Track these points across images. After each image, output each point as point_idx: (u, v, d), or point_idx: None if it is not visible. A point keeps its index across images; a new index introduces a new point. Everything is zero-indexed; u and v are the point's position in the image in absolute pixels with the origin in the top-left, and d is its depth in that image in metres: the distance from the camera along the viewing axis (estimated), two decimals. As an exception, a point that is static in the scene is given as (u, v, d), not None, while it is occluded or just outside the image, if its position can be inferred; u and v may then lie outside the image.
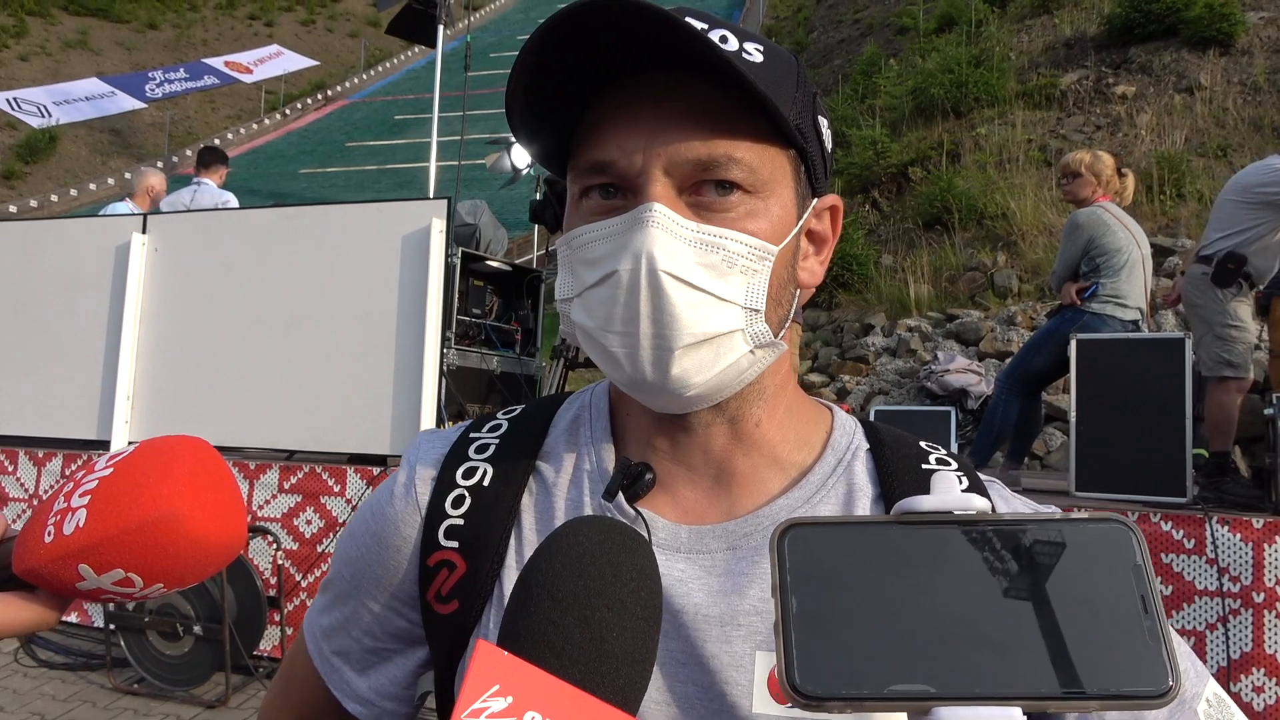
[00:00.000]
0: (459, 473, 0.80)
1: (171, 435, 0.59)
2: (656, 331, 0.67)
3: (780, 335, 0.73)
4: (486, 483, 0.79)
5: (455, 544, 0.77)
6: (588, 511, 0.76)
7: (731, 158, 0.67)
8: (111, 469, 0.56)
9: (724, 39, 0.68)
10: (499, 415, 0.86)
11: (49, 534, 0.54)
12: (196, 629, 4.20)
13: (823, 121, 0.75)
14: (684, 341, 0.67)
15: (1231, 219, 4.64)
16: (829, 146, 0.77)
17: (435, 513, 0.79)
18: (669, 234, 0.66)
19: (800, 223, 0.74)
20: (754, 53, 0.68)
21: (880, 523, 0.46)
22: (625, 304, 0.67)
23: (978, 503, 0.47)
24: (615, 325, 0.68)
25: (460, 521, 0.78)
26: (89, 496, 0.55)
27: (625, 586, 0.54)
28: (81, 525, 0.53)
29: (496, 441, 0.82)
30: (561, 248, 0.73)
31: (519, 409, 0.87)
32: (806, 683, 0.42)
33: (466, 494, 0.79)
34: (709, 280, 0.67)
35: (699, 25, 0.68)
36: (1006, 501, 0.77)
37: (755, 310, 0.69)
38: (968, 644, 0.42)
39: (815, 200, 0.76)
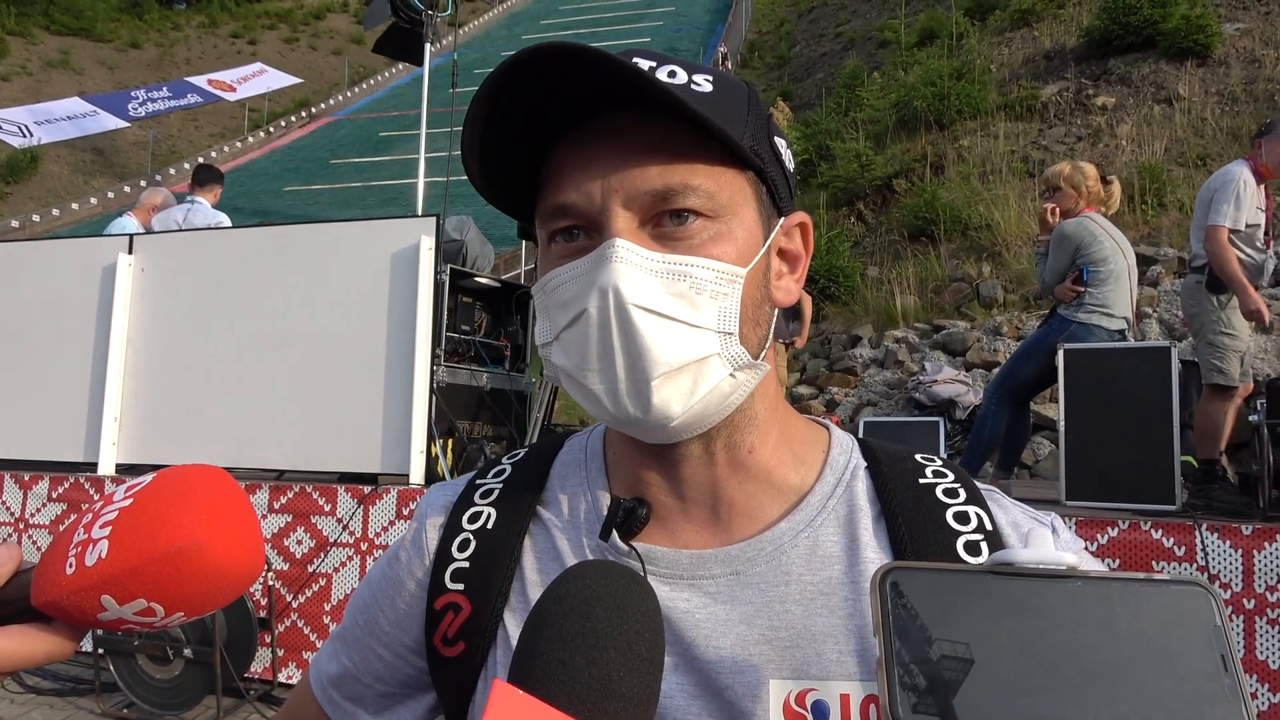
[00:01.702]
0: (465, 518, 0.82)
1: (188, 464, 0.59)
2: (631, 364, 0.67)
3: (762, 356, 0.73)
4: (490, 526, 0.80)
5: (461, 586, 0.78)
6: (586, 552, 0.77)
7: (688, 185, 0.68)
8: (131, 499, 0.56)
9: (672, 74, 0.70)
10: (504, 460, 0.88)
11: (70, 566, 0.54)
12: (187, 652, 4.16)
13: (780, 142, 0.76)
14: (659, 371, 0.67)
15: (1204, 230, 4.75)
16: (789, 166, 0.78)
17: (443, 557, 0.81)
18: (634, 267, 0.67)
19: (768, 242, 0.74)
20: (703, 84, 0.70)
21: (975, 571, 0.49)
22: (599, 341, 0.67)
23: (1068, 558, 0.49)
24: (592, 363, 0.68)
25: (466, 564, 0.79)
26: (110, 528, 0.55)
27: (631, 628, 0.55)
28: (104, 556, 0.54)
29: (500, 486, 0.84)
30: (538, 294, 0.74)
31: (522, 452, 0.88)
32: (909, 715, 0.44)
33: (472, 537, 0.80)
34: (679, 309, 0.67)
35: (646, 64, 0.70)
36: (1005, 510, 0.77)
37: (729, 334, 0.69)
38: (1057, 690, 0.44)
39: (782, 219, 0.77)
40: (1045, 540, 0.52)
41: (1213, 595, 0.47)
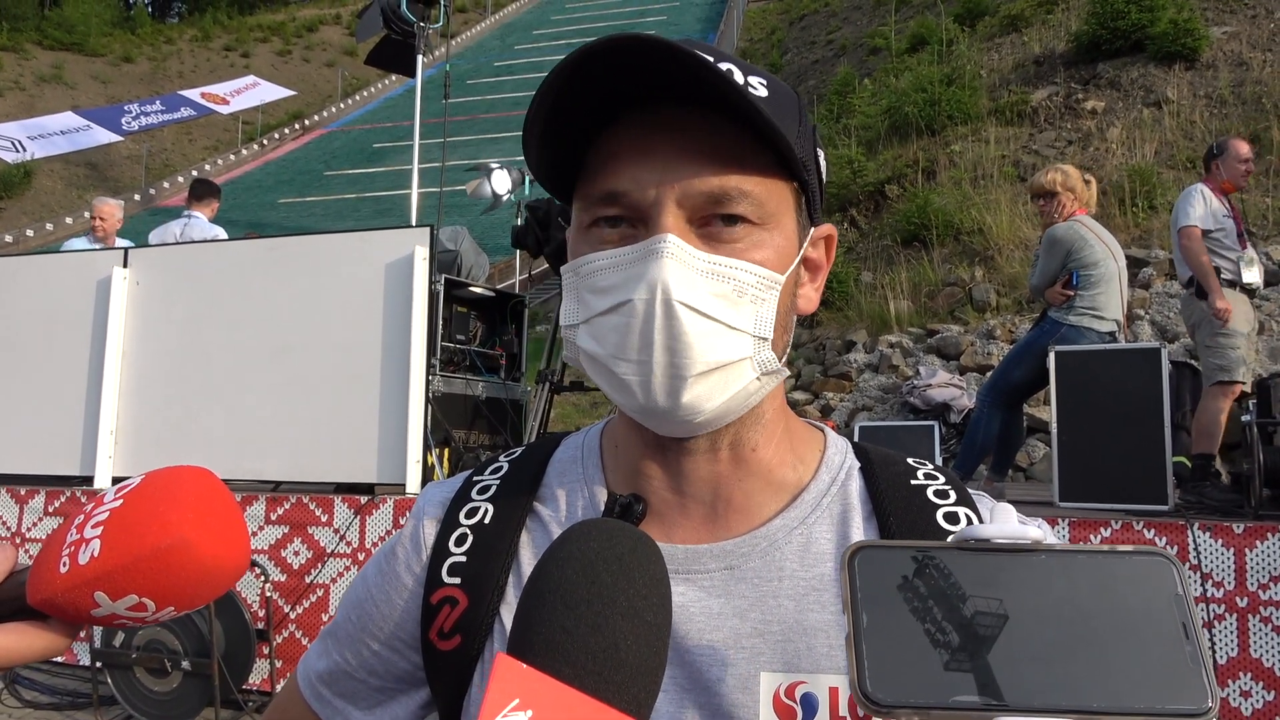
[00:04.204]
0: (462, 513, 0.83)
1: (175, 466, 0.61)
2: (671, 360, 0.68)
3: (783, 361, 0.75)
4: (487, 521, 0.81)
5: (457, 580, 0.79)
6: None
7: (742, 191, 0.69)
8: (121, 500, 0.58)
9: (730, 72, 0.68)
10: (501, 457, 0.89)
11: (64, 564, 0.56)
12: (184, 664, 4.16)
13: (820, 154, 0.77)
14: (697, 369, 0.68)
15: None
16: (825, 178, 0.79)
17: (440, 552, 0.81)
18: (683, 265, 0.67)
19: (801, 251, 0.75)
20: (759, 87, 0.70)
21: (943, 548, 0.50)
22: (640, 332, 0.68)
23: (1032, 532, 0.50)
24: (628, 353, 0.69)
25: (463, 559, 0.80)
26: (101, 527, 0.56)
27: (637, 592, 0.55)
28: (96, 554, 0.55)
29: (497, 482, 0.84)
30: (568, 274, 0.74)
31: (520, 450, 0.89)
32: (877, 690, 0.45)
33: (469, 532, 0.81)
34: (721, 309, 0.68)
35: (705, 58, 0.70)
36: (992, 510, 0.78)
37: (763, 338, 0.71)
38: (1023, 661, 0.46)
39: (813, 230, 0.78)
40: (1010, 516, 0.53)
41: (1175, 565, 0.48)
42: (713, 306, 0.68)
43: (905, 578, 0.48)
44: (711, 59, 0.67)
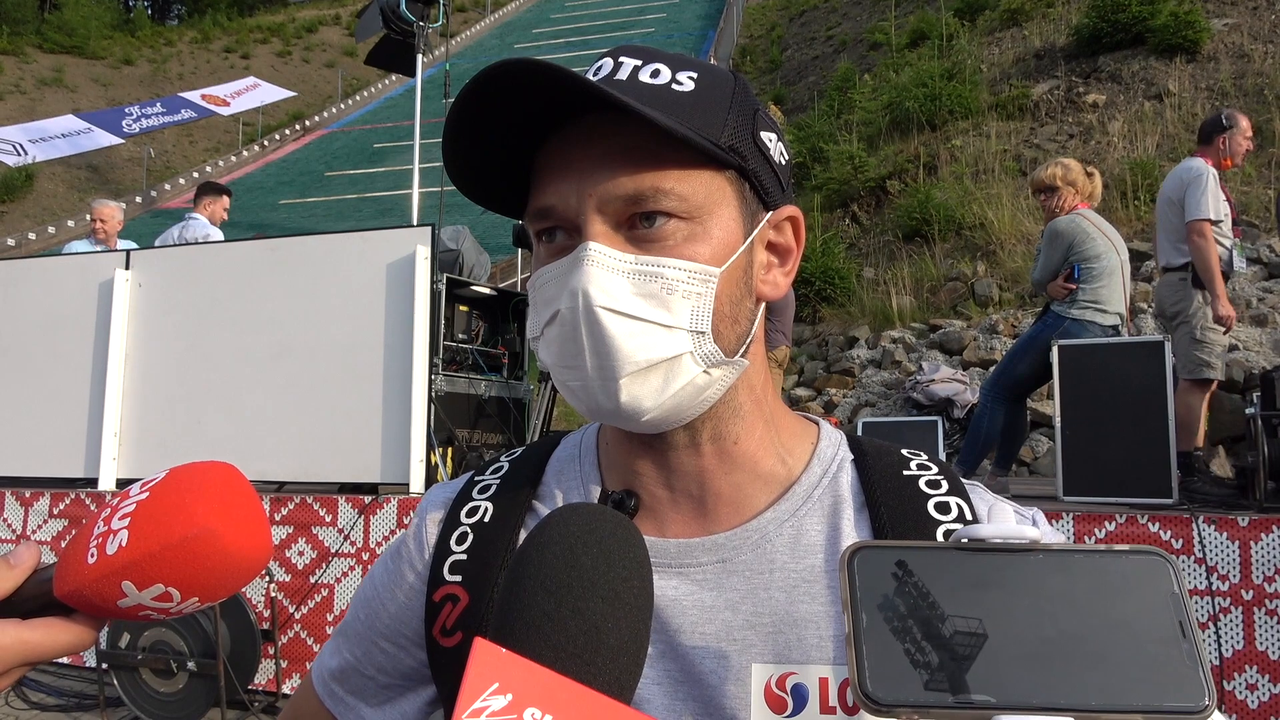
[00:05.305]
0: (463, 512, 0.84)
1: (199, 461, 0.62)
2: (599, 364, 0.69)
3: (742, 351, 0.75)
4: (487, 520, 0.82)
5: (459, 578, 0.80)
6: None
7: (659, 189, 0.69)
8: (147, 493, 0.59)
9: (655, 73, 0.72)
10: (503, 457, 0.90)
11: (92, 555, 0.57)
12: (190, 665, 4.17)
13: (768, 136, 0.76)
14: (627, 370, 0.69)
15: (1181, 230, 4.87)
16: (781, 159, 0.78)
17: (442, 551, 0.83)
18: (605, 269, 0.69)
19: (749, 239, 0.75)
20: (685, 81, 0.72)
21: (941, 548, 0.51)
22: (570, 340, 0.70)
23: (1030, 532, 0.51)
24: (566, 360, 0.71)
25: (464, 557, 0.81)
26: (129, 519, 0.58)
27: (618, 575, 0.55)
28: (124, 544, 0.57)
29: (497, 482, 0.86)
30: (529, 289, 0.76)
31: (520, 450, 0.90)
32: (878, 690, 0.46)
33: (469, 531, 0.82)
34: (648, 309, 0.69)
35: (631, 62, 0.72)
36: (989, 504, 0.78)
37: (701, 332, 0.71)
38: (1022, 660, 0.46)
39: (769, 214, 0.78)
40: (1007, 515, 0.53)
41: (1170, 564, 0.49)
42: (638, 307, 0.69)
43: (904, 578, 0.49)
44: (637, 62, 0.71)
